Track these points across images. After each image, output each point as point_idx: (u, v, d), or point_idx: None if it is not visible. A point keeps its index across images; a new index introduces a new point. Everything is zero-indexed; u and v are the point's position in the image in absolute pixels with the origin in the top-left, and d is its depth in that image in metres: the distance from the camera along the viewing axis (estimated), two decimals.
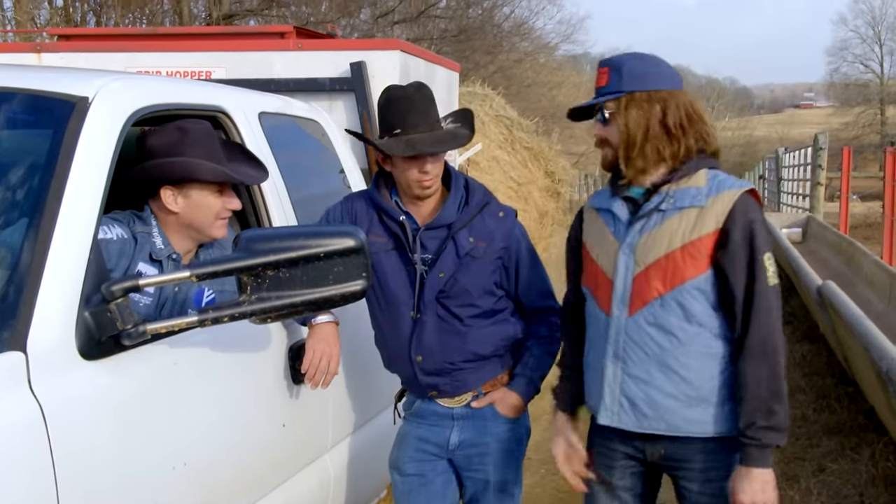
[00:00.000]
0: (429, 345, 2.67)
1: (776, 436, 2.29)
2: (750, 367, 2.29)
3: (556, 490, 4.91)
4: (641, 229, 2.37)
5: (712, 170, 2.39)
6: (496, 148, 9.20)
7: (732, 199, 2.30)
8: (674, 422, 2.36)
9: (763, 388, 2.28)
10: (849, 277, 9.14)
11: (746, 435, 2.28)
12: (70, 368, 1.90)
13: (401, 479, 2.83)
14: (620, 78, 2.39)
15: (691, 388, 2.34)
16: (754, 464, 2.29)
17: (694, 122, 2.39)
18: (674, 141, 2.37)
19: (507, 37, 31.36)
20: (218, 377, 2.37)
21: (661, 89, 2.38)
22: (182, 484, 2.16)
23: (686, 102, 2.39)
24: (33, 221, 1.98)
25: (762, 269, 2.29)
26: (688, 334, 2.32)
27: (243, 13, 22.74)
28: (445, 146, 2.63)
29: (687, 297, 2.32)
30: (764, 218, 2.35)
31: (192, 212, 2.57)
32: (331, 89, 4.31)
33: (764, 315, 2.29)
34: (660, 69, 2.43)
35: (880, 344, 4.46)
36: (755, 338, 2.29)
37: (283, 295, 2.07)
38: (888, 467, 4.78)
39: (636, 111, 2.36)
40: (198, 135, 2.57)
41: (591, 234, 2.54)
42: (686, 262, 2.31)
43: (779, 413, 2.28)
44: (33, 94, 2.27)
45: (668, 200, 2.35)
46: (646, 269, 2.35)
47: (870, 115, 52.76)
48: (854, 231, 15.51)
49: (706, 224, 2.30)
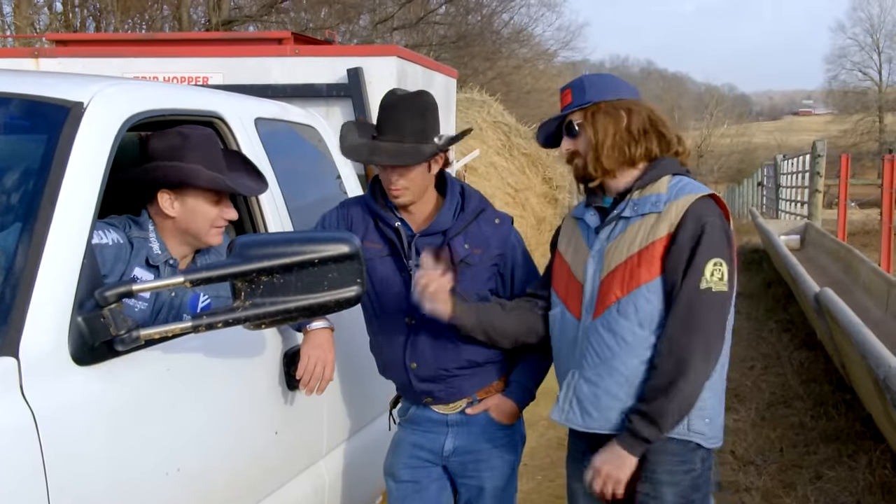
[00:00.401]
0: (423, 351, 2.67)
1: (649, 429, 2.33)
2: (657, 358, 2.36)
3: (553, 497, 4.90)
4: (608, 236, 2.48)
5: (676, 176, 2.48)
6: (494, 154, 9.20)
7: (687, 204, 2.38)
8: (615, 419, 2.43)
9: (657, 379, 2.34)
10: (847, 284, 9.14)
11: (627, 416, 2.38)
12: (63, 374, 1.89)
13: (395, 485, 2.82)
14: (584, 92, 2.53)
15: (632, 388, 2.40)
16: (620, 442, 2.37)
17: (656, 126, 2.51)
18: (638, 145, 2.48)
19: (507, 43, 31.39)
20: (212, 383, 2.36)
21: (623, 98, 2.52)
22: (175, 490, 2.15)
23: (647, 109, 2.53)
24: (27, 226, 1.98)
25: (697, 273, 2.33)
26: (637, 338, 2.40)
27: (243, 19, 22.76)
28: (394, 159, 2.60)
29: (640, 301, 2.39)
30: (723, 223, 2.40)
31: (189, 218, 2.56)
32: (328, 95, 4.32)
33: (681, 318, 2.33)
34: (617, 83, 2.58)
35: (877, 351, 4.46)
36: (666, 336, 2.35)
37: (277, 301, 2.06)
38: (885, 475, 4.78)
39: (603, 117, 2.49)
40: (199, 141, 2.57)
41: (566, 242, 2.64)
42: (641, 266, 2.39)
43: (656, 405, 2.32)
44: (29, 100, 2.26)
45: (630, 207, 2.46)
46: (610, 274, 2.44)
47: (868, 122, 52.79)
48: (852, 238, 15.51)
49: (660, 229, 2.39)
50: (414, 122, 2.62)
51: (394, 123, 2.62)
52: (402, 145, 2.60)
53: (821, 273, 10.02)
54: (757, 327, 9.22)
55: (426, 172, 2.65)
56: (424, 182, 2.66)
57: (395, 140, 2.61)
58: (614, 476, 2.37)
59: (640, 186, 2.47)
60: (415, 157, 2.59)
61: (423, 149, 2.60)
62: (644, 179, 2.47)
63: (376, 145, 2.63)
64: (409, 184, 2.63)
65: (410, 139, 2.60)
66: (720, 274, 2.34)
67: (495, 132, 9.51)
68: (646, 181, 2.47)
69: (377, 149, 2.62)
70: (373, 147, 2.63)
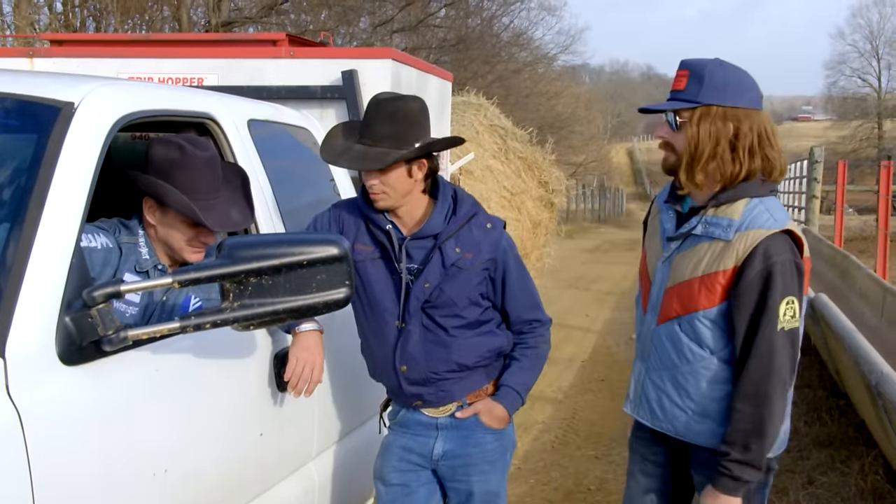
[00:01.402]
0: (413, 354, 2.67)
1: (750, 471, 2.33)
2: (739, 402, 2.33)
3: (546, 500, 4.91)
4: (678, 248, 2.44)
5: (756, 198, 2.35)
6: (490, 157, 9.20)
7: (756, 240, 2.29)
8: (680, 429, 2.47)
9: (746, 424, 2.31)
10: (843, 290, 9.14)
11: (721, 463, 2.34)
12: (50, 374, 1.89)
13: (384, 489, 2.82)
14: (700, 86, 2.34)
15: (695, 405, 2.43)
16: (722, 489, 2.35)
17: (764, 147, 2.36)
18: (737, 162, 2.33)
19: (506, 47, 31.39)
20: (201, 384, 2.36)
21: (739, 107, 2.34)
22: (163, 491, 2.14)
23: (760, 125, 2.35)
24: (15, 226, 1.98)
25: (773, 315, 2.28)
26: (696, 356, 2.40)
27: (242, 20, 22.75)
28: (357, 163, 2.65)
29: (698, 325, 2.38)
30: (795, 259, 2.31)
31: (166, 231, 2.58)
32: (322, 97, 4.32)
33: (763, 361, 2.30)
34: (741, 84, 2.37)
35: (870, 357, 4.47)
36: (749, 381, 2.32)
37: (265, 302, 2.07)
38: (877, 481, 4.79)
39: (709, 125, 2.33)
40: (193, 161, 2.55)
41: (651, 228, 2.62)
42: (701, 292, 2.35)
43: (754, 450, 2.31)
44: (20, 99, 2.26)
45: (702, 226, 2.37)
46: (673, 287, 2.42)
47: (867, 128, 52.89)
48: (849, 244, 15.55)
49: (726, 260, 2.32)
50: (387, 126, 2.60)
51: (368, 127, 2.63)
52: (370, 149, 2.60)
53: (817, 279, 10.02)
54: None
55: (405, 177, 2.63)
56: (404, 187, 2.64)
57: (369, 144, 2.61)
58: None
59: (716, 204, 2.36)
60: (378, 162, 2.58)
61: (389, 153, 2.58)
62: (720, 198, 2.35)
63: (347, 148, 2.64)
64: (387, 188, 2.62)
65: (384, 144, 2.59)
66: (792, 312, 2.30)
67: (491, 136, 9.51)
68: (722, 200, 2.35)
69: (346, 152, 2.64)
70: (343, 150, 2.65)
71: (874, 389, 4.23)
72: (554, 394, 6.94)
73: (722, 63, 2.38)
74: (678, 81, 2.38)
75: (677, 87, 2.38)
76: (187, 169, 2.54)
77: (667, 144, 2.42)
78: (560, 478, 5.21)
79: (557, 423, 6.32)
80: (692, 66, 2.37)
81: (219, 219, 2.57)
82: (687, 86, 2.35)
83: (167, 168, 2.53)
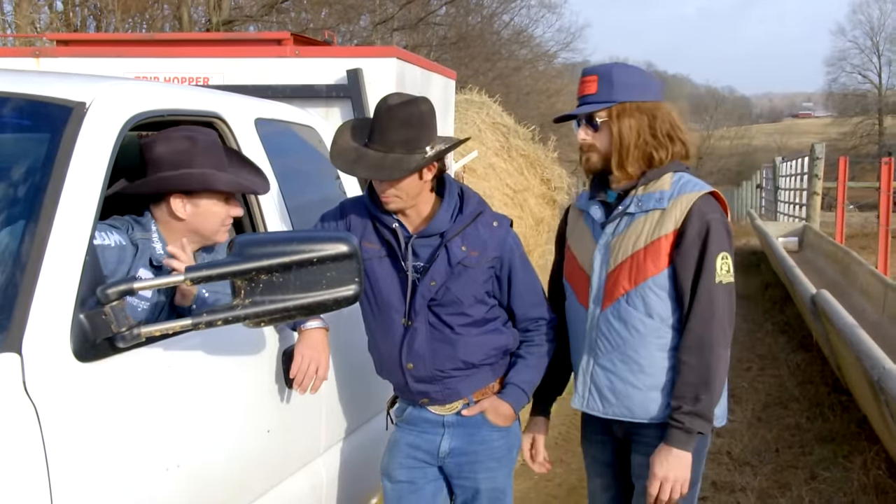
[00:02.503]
0: (420, 352, 2.69)
1: (700, 422, 2.47)
2: (685, 355, 2.48)
3: (550, 496, 4.93)
4: (614, 231, 2.59)
5: (678, 172, 2.58)
6: (493, 155, 9.22)
7: (691, 201, 2.50)
8: (632, 408, 2.58)
9: (693, 376, 2.46)
10: (844, 287, 9.17)
11: (673, 417, 2.47)
12: (65, 370, 1.92)
13: (391, 486, 2.84)
14: (611, 88, 2.54)
15: (648, 377, 2.55)
16: (675, 444, 2.48)
17: (677, 132, 2.58)
18: (662, 147, 2.55)
19: (507, 44, 31.42)
20: (212, 380, 2.38)
21: (647, 100, 2.56)
22: (175, 485, 2.17)
23: (669, 114, 2.58)
24: (30, 224, 2.00)
25: (711, 266, 2.46)
26: (647, 327, 2.53)
27: (243, 19, 22.76)
28: (374, 172, 2.59)
29: (648, 293, 2.52)
30: (724, 219, 2.52)
31: (200, 219, 2.61)
32: (327, 96, 4.34)
33: (704, 310, 2.46)
34: (646, 81, 2.60)
35: (873, 353, 4.49)
36: (692, 331, 2.48)
37: (276, 299, 2.09)
38: (879, 476, 4.81)
39: (628, 119, 2.54)
40: (207, 145, 2.60)
41: (573, 234, 2.76)
42: (647, 260, 2.51)
43: (703, 401, 2.46)
44: (31, 99, 2.28)
45: (635, 203, 2.56)
46: (617, 268, 2.56)
47: (868, 125, 52.82)
48: (850, 241, 15.54)
49: (665, 225, 2.51)
50: (402, 132, 2.57)
51: (381, 133, 2.59)
52: (386, 156, 2.57)
53: (818, 275, 10.05)
54: (754, 329, 9.25)
55: (417, 181, 2.63)
56: (416, 189, 2.64)
57: (381, 150, 2.58)
58: (681, 477, 2.48)
59: (644, 183, 2.57)
60: (396, 172, 2.56)
61: (407, 161, 2.57)
62: (648, 176, 2.57)
63: (362, 154, 2.61)
64: (399, 192, 2.62)
65: (398, 150, 2.57)
66: (727, 266, 2.49)
67: (494, 133, 9.53)
68: (649, 178, 2.57)
69: (361, 159, 2.60)
70: (358, 156, 2.61)
71: (876, 385, 4.25)
72: None
73: (625, 66, 2.63)
74: (587, 87, 2.58)
75: (588, 92, 2.57)
76: (206, 153, 2.58)
77: (590, 146, 2.61)
78: (563, 474, 5.23)
79: (560, 419, 6.33)
80: (599, 71, 2.58)
81: (255, 184, 2.72)
82: (599, 89, 2.55)
83: (183, 159, 2.54)
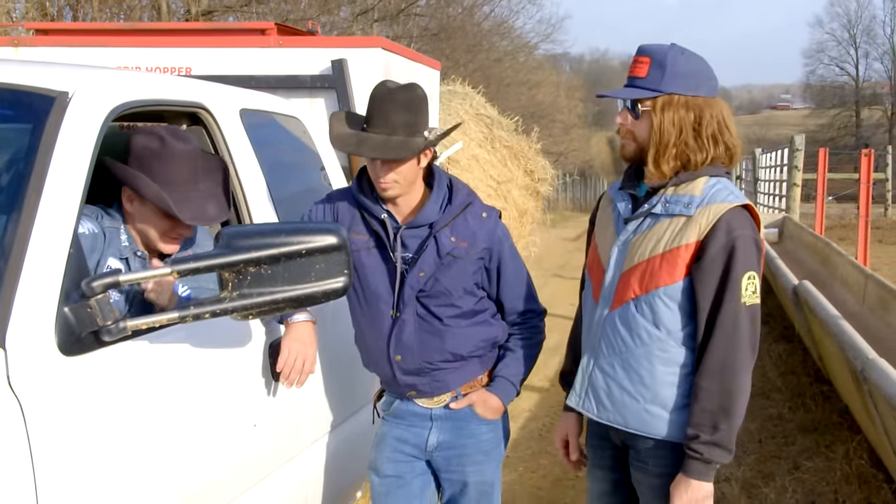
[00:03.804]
0: (408, 344, 2.67)
1: (720, 453, 2.29)
2: (704, 381, 2.28)
3: (535, 487, 4.93)
4: (636, 229, 2.39)
5: (714, 177, 2.35)
6: (476, 146, 9.20)
7: (719, 213, 2.27)
8: (629, 418, 2.40)
9: (713, 403, 2.27)
10: (824, 277, 9.22)
11: (690, 447, 2.29)
12: (49, 364, 1.89)
13: (379, 480, 2.82)
14: (662, 74, 2.31)
15: (647, 391, 2.36)
16: (694, 476, 2.30)
17: (724, 134, 2.35)
18: (702, 150, 2.33)
19: (487, 36, 31.40)
20: (198, 374, 2.36)
21: (699, 95, 2.33)
22: (162, 480, 2.15)
23: (720, 113, 2.35)
24: (13, 216, 1.97)
25: (736, 287, 2.25)
26: (652, 338, 2.34)
27: (222, 9, 22.56)
28: (382, 153, 2.55)
29: (657, 302, 2.32)
30: (754, 235, 2.31)
31: (142, 220, 2.59)
32: (312, 87, 4.30)
33: (728, 333, 2.26)
34: (701, 73, 2.35)
35: (855, 343, 4.51)
36: (714, 355, 2.27)
37: (264, 291, 2.06)
38: (862, 465, 4.85)
39: (672, 114, 2.31)
40: (174, 153, 2.55)
41: (601, 222, 2.58)
42: (662, 268, 2.31)
43: (722, 430, 2.27)
44: (13, 89, 2.24)
45: (661, 204, 2.34)
46: (631, 269, 2.37)
47: (845, 116, 53.28)
48: (829, 232, 15.67)
49: (688, 234, 2.29)
50: (404, 115, 2.58)
51: (383, 116, 2.59)
52: (390, 138, 2.56)
53: (799, 266, 10.09)
54: None
55: (415, 166, 2.63)
56: (413, 175, 2.64)
57: (385, 133, 2.57)
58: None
59: (676, 184, 2.34)
60: (403, 152, 2.56)
61: (411, 143, 2.57)
62: (680, 177, 2.34)
63: (365, 137, 2.59)
64: (399, 177, 2.61)
65: (400, 133, 2.57)
66: (753, 287, 2.28)
67: (477, 125, 9.50)
68: (682, 179, 2.34)
69: (366, 141, 2.59)
70: (361, 139, 2.60)
71: (860, 375, 4.27)
72: (540, 382, 6.96)
73: (683, 50, 2.35)
74: (638, 68, 2.34)
75: (638, 74, 2.34)
76: (166, 160, 2.54)
77: (628, 132, 2.39)
78: (548, 465, 5.23)
79: (545, 411, 6.35)
80: (653, 54, 2.33)
81: (194, 212, 2.56)
82: (649, 73, 2.32)
83: (147, 158, 2.53)
